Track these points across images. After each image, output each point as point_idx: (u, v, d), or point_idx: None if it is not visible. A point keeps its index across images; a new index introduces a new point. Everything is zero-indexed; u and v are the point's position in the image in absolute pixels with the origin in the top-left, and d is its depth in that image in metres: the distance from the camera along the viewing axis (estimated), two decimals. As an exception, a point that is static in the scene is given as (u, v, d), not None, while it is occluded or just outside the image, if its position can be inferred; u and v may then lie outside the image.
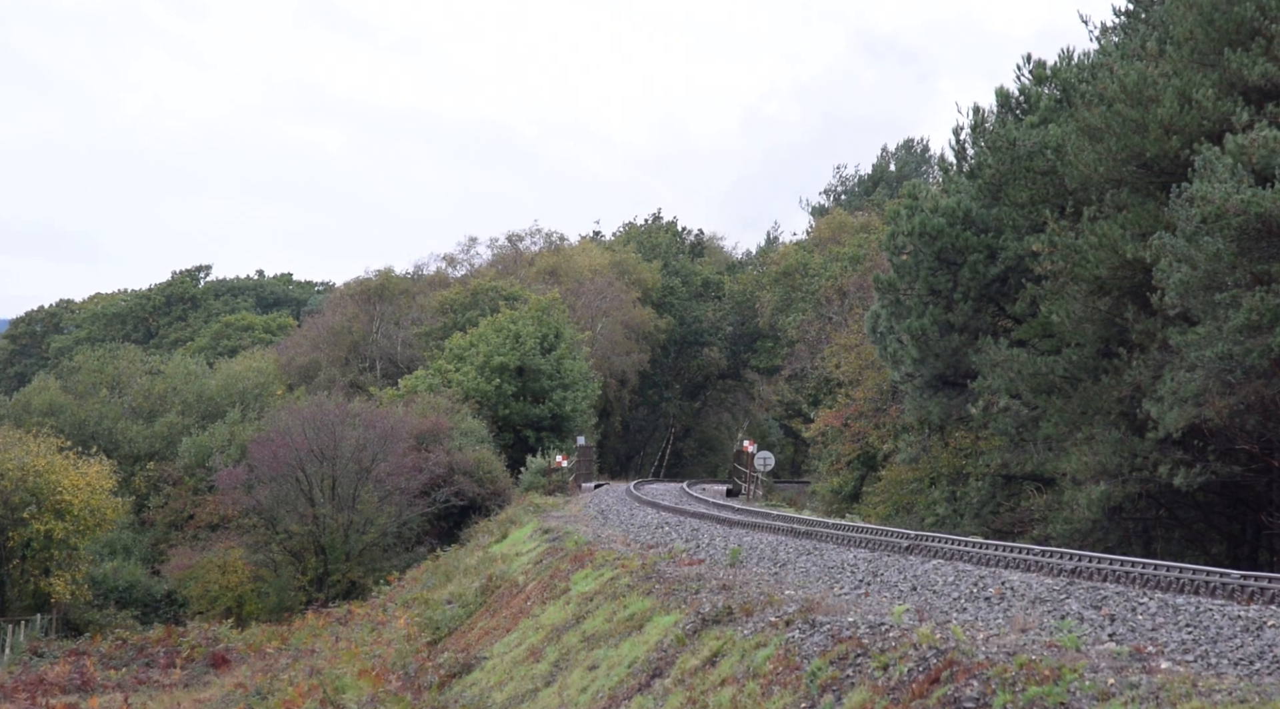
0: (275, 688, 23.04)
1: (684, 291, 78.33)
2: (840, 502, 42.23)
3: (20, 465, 37.74)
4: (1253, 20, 20.79)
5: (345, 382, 60.43)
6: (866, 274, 44.93)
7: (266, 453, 40.65)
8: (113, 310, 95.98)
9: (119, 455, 48.55)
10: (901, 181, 70.13)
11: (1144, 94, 21.72)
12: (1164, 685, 7.42)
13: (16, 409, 51.67)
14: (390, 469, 41.43)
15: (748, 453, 41.58)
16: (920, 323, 28.78)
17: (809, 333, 56.75)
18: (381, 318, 66.56)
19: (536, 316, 56.34)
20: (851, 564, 16.18)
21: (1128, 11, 28.39)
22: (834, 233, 68.73)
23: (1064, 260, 23.59)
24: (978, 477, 31.85)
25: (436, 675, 18.98)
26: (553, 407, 54.18)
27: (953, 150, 32.06)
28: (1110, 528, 24.67)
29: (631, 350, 69.94)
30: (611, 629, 15.67)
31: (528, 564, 25.46)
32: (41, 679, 28.72)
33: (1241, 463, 22.08)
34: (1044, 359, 24.87)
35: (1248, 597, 10.84)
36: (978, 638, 9.55)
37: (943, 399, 29.94)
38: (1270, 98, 20.45)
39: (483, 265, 78.69)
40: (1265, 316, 18.44)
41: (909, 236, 29.56)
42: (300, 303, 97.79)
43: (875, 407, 40.23)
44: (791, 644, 10.94)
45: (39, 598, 38.30)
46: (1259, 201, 18.23)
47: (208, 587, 40.33)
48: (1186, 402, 20.33)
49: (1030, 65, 29.51)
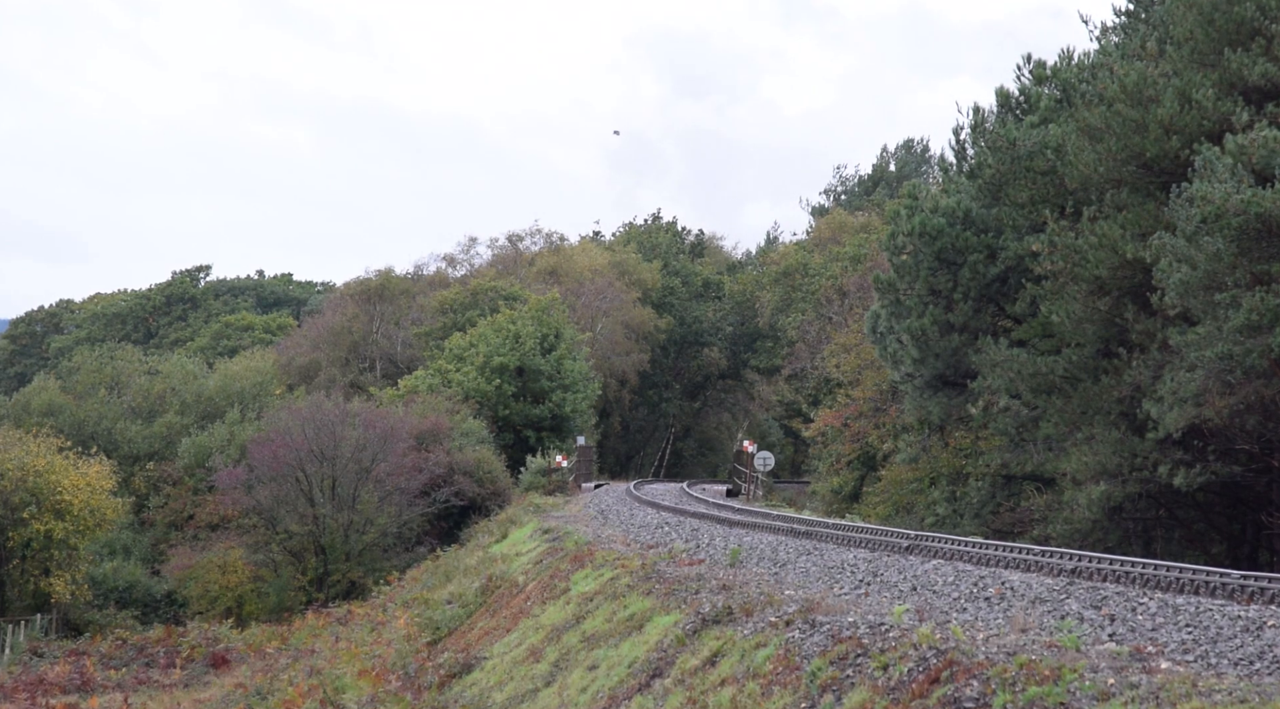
0: (275, 688, 23.04)
1: (684, 292, 78.31)
2: (840, 502, 42.21)
3: (20, 465, 37.74)
4: (1253, 20, 20.80)
5: (345, 382, 60.40)
6: (866, 274, 44.91)
7: (266, 453, 40.65)
8: (113, 310, 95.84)
9: (119, 455, 48.52)
10: (901, 181, 70.07)
11: (1144, 94, 21.72)
12: (1164, 685, 7.41)
13: (16, 409, 51.66)
14: (390, 469, 41.43)
15: (748, 453, 41.58)
16: (920, 323, 28.78)
17: (809, 333, 56.77)
18: (381, 318, 66.55)
19: (536, 317, 56.34)
20: (851, 564, 16.18)
21: (1128, 11, 28.41)
22: (834, 233, 68.74)
23: (1064, 260, 23.58)
24: (978, 477, 31.84)
25: (436, 675, 18.97)
26: (553, 407, 54.18)
27: (953, 150, 32.10)
28: (1110, 528, 24.66)
29: (631, 350, 69.94)
30: (611, 629, 15.66)
31: (528, 564, 25.45)
32: (41, 679, 28.71)
33: (1241, 463, 22.07)
34: (1044, 359, 24.86)
35: (1248, 597, 10.83)
36: (978, 638, 9.55)
37: (943, 399, 29.94)
38: (1270, 98, 20.45)
39: (483, 265, 78.69)
40: (1265, 317, 18.44)
41: (909, 236, 29.56)
42: (300, 303, 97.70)
43: (875, 407, 40.23)
44: (791, 644, 10.93)
45: (39, 598, 38.29)
46: (1259, 201, 18.23)
47: (208, 587, 40.34)
48: (1186, 402, 20.33)
49: (1030, 65, 29.52)
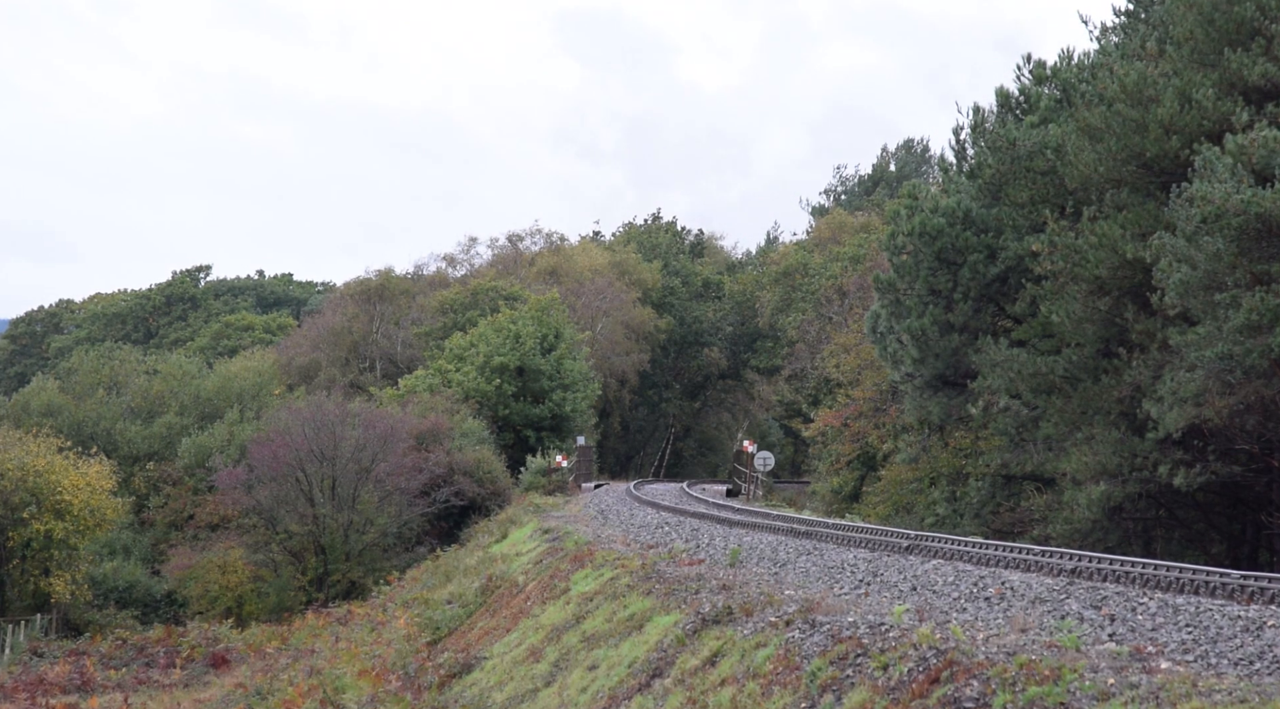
0: (275, 688, 23.02)
1: (684, 292, 78.31)
2: (840, 502, 42.22)
3: (20, 465, 37.72)
4: (1253, 20, 20.80)
5: (345, 382, 60.41)
6: (866, 274, 44.91)
7: (266, 453, 40.64)
8: (112, 310, 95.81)
9: (118, 456, 48.48)
10: (901, 181, 70.11)
11: (1144, 94, 21.73)
12: (1164, 685, 7.41)
13: (15, 409, 51.60)
14: (390, 469, 41.42)
15: (748, 453, 41.59)
16: (920, 323, 28.78)
17: (809, 333, 56.77)
18: (381, 318, 66.57)
19: (536, 317, 56.34)
20: (851, 564, 16.17)
21: (1128, 11, 28.42)
22: (834, 233, 68.76)
23: (1064, 260, 23.59)
24: (978, 477, 31.83)
25: (436, 675, 18.97)
26: (553, 407, 54.18)
27: (953, 150, 32.10)
28: (1110, 528, 24.65)
29: (631, 350, 69.94)
30: (611, 629, 15.66)
31: (528, 564, 25.44)
32: (41, 679, 28.69)
33: (1241, 463, 22.08)
34: (1044, 359, 24.86)
35: (1248, 597, 10.83)
36: (978, 638, 9.54)
37: (943, 399, 29.93)
38: (1270, 98, 20.46)
39: (483, 265, 78.73)
40: (1265, 317, 18.44)
41: (909, 236, 29.55)
42: (300, 303, 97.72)
43: (875, 407, 40.23)
44: (791, 644, 10.93)
45: (39, 598, 38.27)
46: (1259, 201, 18.23)
47: (208, 587, 40.31)
48: (1186, 402, 20.33)
49: (1030, 65, 29.52)
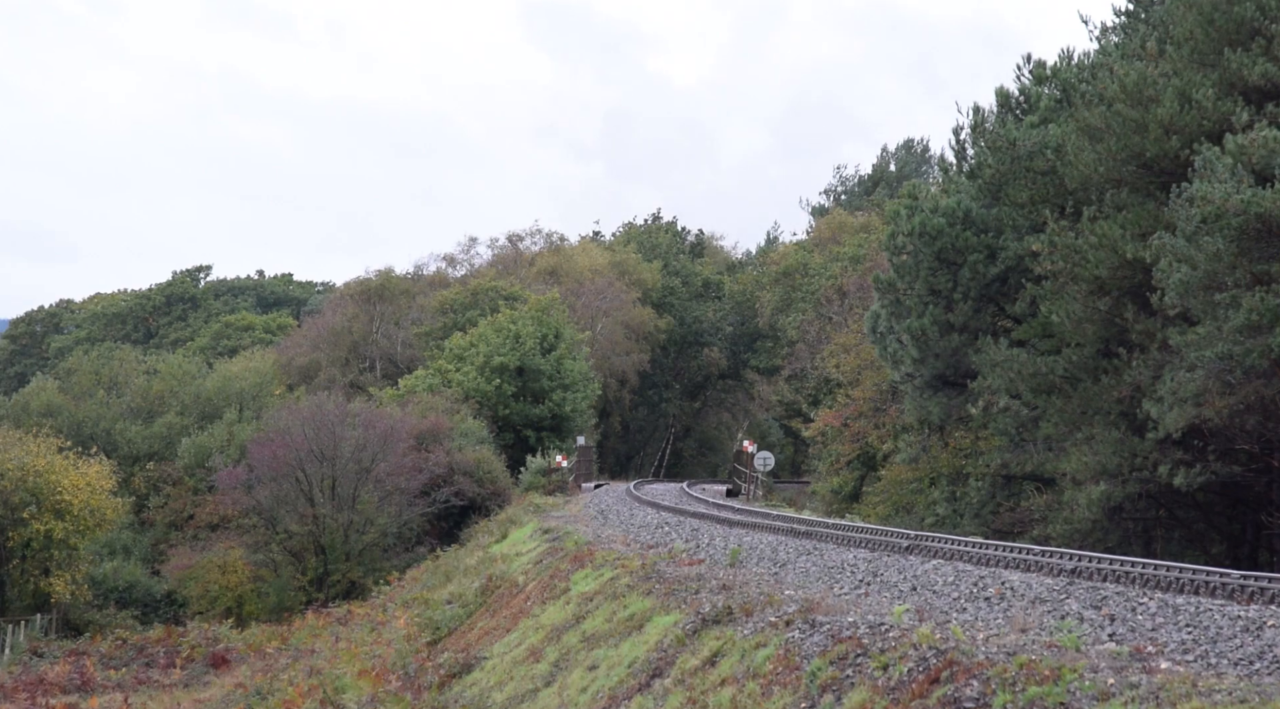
0: (275, 688, 23.00)
1: (684, 292, 78.31)
2: (840, 502, 42.22)
3: (20, 465, 37.73)
4: (1253, 20, 20.81)
5: (345, 382, 60.42)
6: (866, 274, 44.91)
7: (266, 453, 40.65)
8: (113, 310, 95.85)
9: (118, 456, 48.48)
10: (901, 181, 70.07)
11: (1144, 94, 21.73)
12: (1164, 685, 7.41)
13: (15, 409, 51.64)
14: (390, 469, 41.44)
15: (748, 453, 41.59)
16: (920, 323, 28.78)
17: (809, 333, 56.75)
18: (381, 318, 66.57)
19: (536, 317, 56.34)
20: (851, 564, 16.17)
21: (1128, 11, 28.42)
22: (834, 233, 68.71)
23: (1064, 260, 23.59)
24: (978, 477, 31.83)
25: (436, 675, 18.97)
26: (553, 407, 54.18)
27: (953, 150, 32.13)
28: (1110, 528, 24.65)
29: (631, 350, 69.94)
30: (611, 629, 15.65)
31: (528, 564, 25.44)
32: (41, 679, 28.69)
33: (1241, 463, 22.09)
34: (1044, 359, 24.87)
35: (1248, 597, 10.83)
36: (978, 638, 9.54)
37: (943, 399, 29.94)
38: (1270, 98, 20.45)
39: (483, 265, 78.77)
40: (1265, 316, 18.44)
41: (909, 236, 29.56)
42: (300, 303, 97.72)
43: (875, 407, 40.22)
44: (791, 644, 10.93)
45: (39, 598, 38.27)
46: (1259, 201, 18.23)
47: (208, 587, 40.31)
48: (1186, 402, 20.33)
49: (1030, 65, 29.53)
